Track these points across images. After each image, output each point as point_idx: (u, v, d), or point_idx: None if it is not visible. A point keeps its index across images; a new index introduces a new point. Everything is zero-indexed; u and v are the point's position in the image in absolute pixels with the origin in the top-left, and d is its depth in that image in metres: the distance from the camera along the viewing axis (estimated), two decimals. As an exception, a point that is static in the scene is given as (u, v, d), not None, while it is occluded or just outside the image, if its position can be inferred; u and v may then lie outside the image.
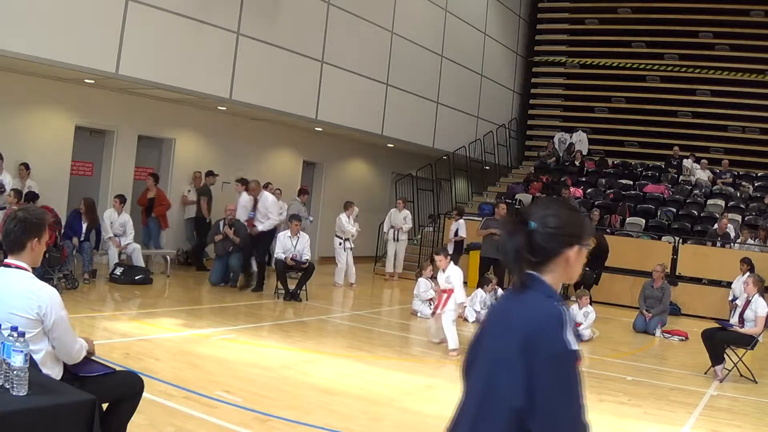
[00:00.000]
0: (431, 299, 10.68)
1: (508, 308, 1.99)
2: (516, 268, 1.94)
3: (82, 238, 10.33)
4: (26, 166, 10.53)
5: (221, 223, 11.54)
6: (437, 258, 8.32)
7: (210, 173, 13.52)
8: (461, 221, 14.09)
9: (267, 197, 11.18)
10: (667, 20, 20.05)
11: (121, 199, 11.16)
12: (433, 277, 10.30)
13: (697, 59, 19.71)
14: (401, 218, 14.86)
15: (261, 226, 11.06)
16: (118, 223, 11.00)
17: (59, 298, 3.22)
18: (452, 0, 18.41)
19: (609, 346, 9.66)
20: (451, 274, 8.11)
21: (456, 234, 13.91)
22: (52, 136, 11.36)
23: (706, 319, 11.17)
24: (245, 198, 11.79)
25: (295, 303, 10.53)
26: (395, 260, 15.04)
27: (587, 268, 12.61)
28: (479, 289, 10.91)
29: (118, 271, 10.59)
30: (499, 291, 10.89)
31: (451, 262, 8.34)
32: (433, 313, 8.69)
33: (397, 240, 14.87)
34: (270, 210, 11.07)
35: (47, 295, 3.17)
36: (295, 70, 13.78)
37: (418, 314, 10.51)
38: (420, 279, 10.85)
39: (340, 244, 13.23)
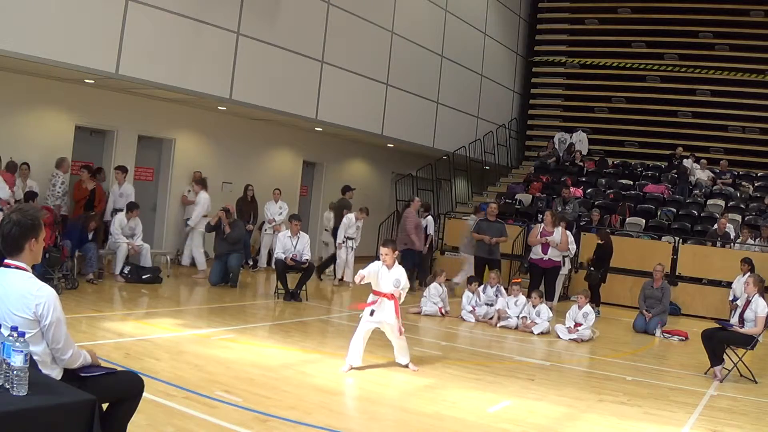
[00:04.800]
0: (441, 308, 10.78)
1: None
2: None
3: (90, 238, 10.43)
4: (27, 165, 10.55)
5: (221, 222, 11.57)
6: (384, 250, 6.68)
7: (348, 188, 14.19)
8: (429, 218, 14.02)
9: None
10: (667, 20, 20.07)
11: (132, 206, 11.20)
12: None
13: (697, 59, 19.73)
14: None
15: None
16: (128, 226, 11.06)
17: (57, 299, 3.19)
18: (452, 0, 18.41)
19: (609, 346, 9.66)
20: (401, 277, 6.72)
21: (426, 231, 13.84)
22: (52, 136, 11.36)
23: (706, 319, 11.18)
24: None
25: (295, 303, 10.53)
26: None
27: (591, 268, 12.61)
28: (467, 288, 10.99)
29: (126, 269, 10.76)
30: (501, 288, 10.93)
31: (397, 261, 6.84)
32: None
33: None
34: None
35: (45, 295, 3.14)
36: (295, 70, 13.78)
37: (423, 311, 10.66)
38: (432, 284, 10.93)
39: (342, 243, 13.27)
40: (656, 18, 20.30)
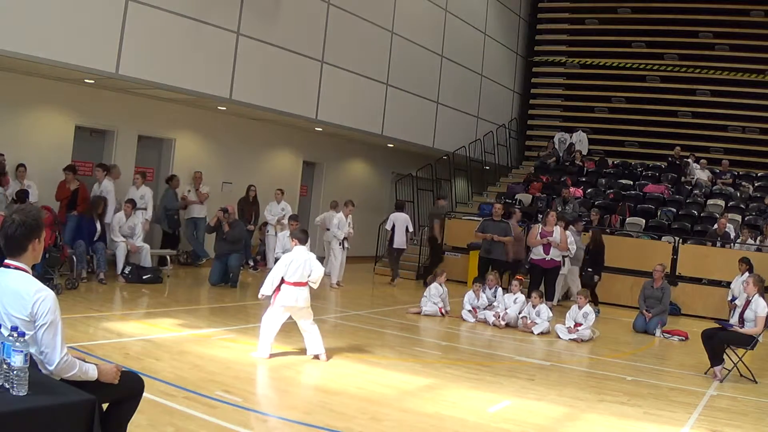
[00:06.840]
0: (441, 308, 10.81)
1: None
2: None
3: (96, 238, 10.48)
4: (23, 166, 10.55)
5: (221, 222, 11.58)
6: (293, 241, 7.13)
7: (441, 197, 15.42)
8: (402, 215, 14.02)
9: None
10: (667, 20, 20.07)
11: (133, 204, 11.28)
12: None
13: (697, 59, 19.73)
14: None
15: None
16: (126, 226, 11.07)
17: (55, 302, 3.11)
18: (452, 0, 18.41)
19: (609, 346, 9.66)
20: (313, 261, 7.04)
21: (393, 229, 13.82)
22: (52, 136, 11.36)
23: (706, 319, 11.18)
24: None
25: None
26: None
27: (589, 269, 12.60)
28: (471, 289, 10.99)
29: (127, 269, 10.80)
30: (499, 290, 10.91)
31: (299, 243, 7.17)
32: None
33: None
34: None
35: (43, 296, 3.10)
36: (295, 70, 13.77)
37: (423, 311, 10.68)
38: (432, 284, 10.97)
39: (340, 243, 13.20)
40: (656, 18, 20.30)
